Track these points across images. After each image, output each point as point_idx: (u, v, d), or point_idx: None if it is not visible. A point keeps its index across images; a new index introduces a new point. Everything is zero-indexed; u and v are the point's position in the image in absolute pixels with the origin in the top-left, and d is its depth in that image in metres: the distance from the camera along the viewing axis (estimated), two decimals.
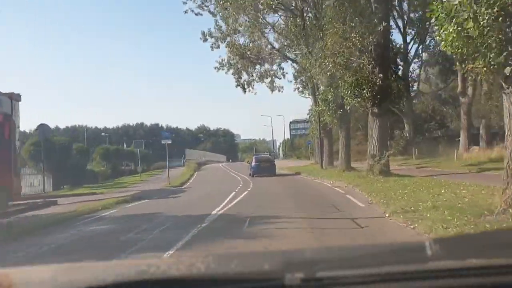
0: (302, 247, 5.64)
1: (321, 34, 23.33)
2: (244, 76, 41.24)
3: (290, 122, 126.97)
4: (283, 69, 43.31)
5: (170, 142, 33.47)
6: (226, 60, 40.79)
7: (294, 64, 42.01)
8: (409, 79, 38.32)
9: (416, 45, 38.11)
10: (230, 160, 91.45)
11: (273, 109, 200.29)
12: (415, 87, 40.50)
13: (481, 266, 1.10)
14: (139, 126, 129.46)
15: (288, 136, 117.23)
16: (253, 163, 33.07)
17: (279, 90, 43.47)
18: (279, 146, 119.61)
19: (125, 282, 1.05)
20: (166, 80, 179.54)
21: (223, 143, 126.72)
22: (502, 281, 1.08)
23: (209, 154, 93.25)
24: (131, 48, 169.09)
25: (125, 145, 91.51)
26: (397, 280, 1.07)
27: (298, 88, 44.72)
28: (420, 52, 38.85)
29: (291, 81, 47.29)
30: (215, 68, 41.03)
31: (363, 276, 1.07)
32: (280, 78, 42.60)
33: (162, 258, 5.99)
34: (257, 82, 41.75)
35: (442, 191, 10.99)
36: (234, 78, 41.20)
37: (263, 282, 1.06)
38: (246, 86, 41.46)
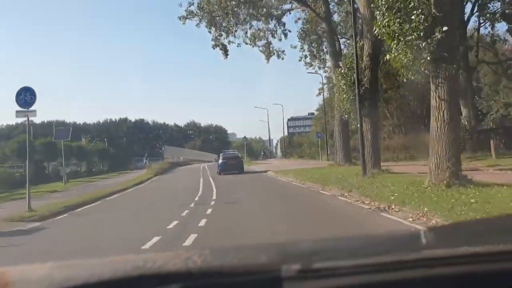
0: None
1: None
2: (224, 36, 29.27)
3: (288, 120, 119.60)
4: (284, 25, 30.79)
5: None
6: (197, 4, 28.11)
7: (303, 14, 30.51)
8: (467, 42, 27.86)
9: None
10: (215, 160, 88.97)
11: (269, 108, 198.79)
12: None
13: (475, 254, 1.11)
14: (122, 122, 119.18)
15: (285, 134, 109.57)
16: (220, 161, 32.52)
17: (279, 56, 31.97)
18: (276, 144, 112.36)
19: (122, 278, 1.05)
20: (154, 72, 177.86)
21: (215, 140, 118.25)
22: (496, 268, 1.09)
23: (197, 153, 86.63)
24: (114, 38, 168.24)
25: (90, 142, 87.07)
26: (393, 269, 1.08)
27: (306, 57, 32.68)
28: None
29: (294, 47, 33.48)
30: (180, 18, 28.88)
31: (359, 266, 1.08)
32: (281, 39, 31.20)
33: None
34: (249, 45, 30.71)
35: None
36: (210, 32, 29.19)
37: (260, 274, 1.06)
38: (227, 46, 29.68)
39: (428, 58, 11.68)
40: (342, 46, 30.76)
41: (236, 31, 29.31)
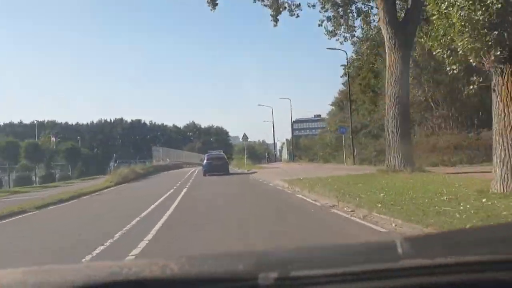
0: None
1: None
2: None
3: (293, 122, 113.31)
4: None
5: None
6: None
7: None
8: None
9: None
10: (200, 161, 77.42)
11: (275, 105, 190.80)
12: None
13: (451, 264, 1.12)
14: (118, 122, 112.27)
15: (289, 137, 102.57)
16: (204, 161, 31.84)
17: (291, 12, 23.48)
18: (281, 147, 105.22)
19: (96, 284, 1.03)
20: (153, 72, 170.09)
21: (215, 142, 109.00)
22: (471, 278, 1.11)
23: (193, 155, 79.90)
24: (110, 37, 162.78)
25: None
26: (369, 278, 1.09)
27: (329, 19, 23.75)
28: None
29: (313, 5, 23.80)
30: None
31: (336, 275, 1.09)
32: None
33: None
34: None
35: None
36: None
37: (237, 282, 1.06)
38: None
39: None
40: None
41: None
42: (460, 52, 9.44)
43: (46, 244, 8.25)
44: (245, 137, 46.42)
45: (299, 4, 23.63)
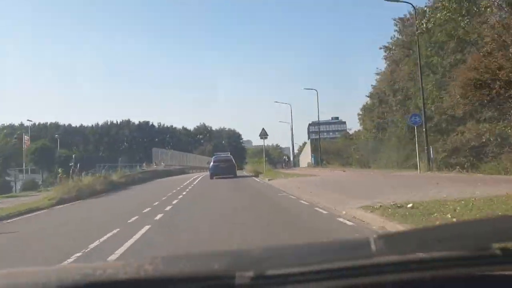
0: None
1: None
2: None
3: (309, 125, 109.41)
4: None
5: None
6: None
7: None
8: None
9: None
10: (207, 163, 62.38)
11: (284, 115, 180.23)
12: None
13: (424, 260, 1.15)
14: (125, 124, 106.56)
15: (305, 140, 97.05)
16: (211, 164, 30.84)
17: None
18: (299, 150, 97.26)
19: (69, 286, 1.02)
20: (161, 72, 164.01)
21: (228, 146, 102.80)
22: (442, 274, 1.13)
23: (202, 158, 73.21)
24: (116, 36, 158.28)
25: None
26: (344, 276, 1.10)
27: None
28: None
29: None
30: None
31: (311, 273, 1.09)
32: None
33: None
34: None
35: None
36: None
37: (213, 281, 1.06)
38: None
39: None
40: None
41: None
42: None
43: None
44: (263, 133, 33.96)
45: None
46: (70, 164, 28.23)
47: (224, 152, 52.87)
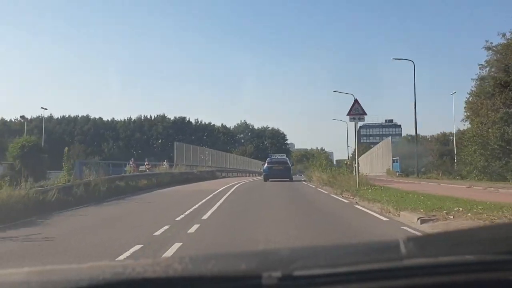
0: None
1: None
2: None
3: (360, 127, 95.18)
4: None
5: None
6: None
7: None
8: None
9: None
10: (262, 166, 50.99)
11: (328, 114, 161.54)
12: None
13: (454, 263, 1.12)
14: (159, 120, 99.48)
15: (351, 144, 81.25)
16: (265, 165, 29.58)
17: None
18: (353, 154, 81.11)
19: (100, 284, 1.04)
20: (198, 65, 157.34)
21: (271, 147, 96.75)
22: (474, 278, 1.11)
23: (242, 159, 61.74)
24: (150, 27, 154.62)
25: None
26: (373, 278, 1.09)
27: None
28: None
29: None
30: None
31: (339, 275, 1.09)
32: None
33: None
34: None
35: None
36: None
37: (240, 282, 1.06)
38: None
39: None
40: None
41: None
42: None
43: None
44: (357, 110, 18.39)
45: None
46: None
47: (278, 154, 49.26)
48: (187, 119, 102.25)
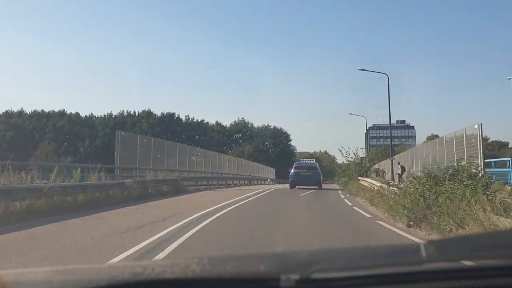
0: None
1: None
2: None
3: (369, 128, 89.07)
4: None
5: None
6: None
7: None
8: None
9: None
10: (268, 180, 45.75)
11: (338, 111, 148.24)
12: None
13: (474, 268, 1.11)
14: (144, 116, 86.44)
15: (359, 146, 73.04)
16: (292, 171, 26.95)
17: None
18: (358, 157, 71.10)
19: (120, 284, 1.05)
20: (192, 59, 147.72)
21: (273, 148, 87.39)
22: (494, 283, 1.09)
23: (238, 161, 47.95)
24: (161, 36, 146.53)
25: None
26: (392, 282, 1.08)
27: None
28: None
29: None
30: None
31: (358, 278, 1.08)
32: None
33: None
34: None
35: None
36: None
37: (258, 283, 1.06)
38: None
39: None
40: None
41: None
42: None
43: None
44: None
45: None
46: None
47: (309, 159, 45.11)
48: (177, 115, 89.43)
